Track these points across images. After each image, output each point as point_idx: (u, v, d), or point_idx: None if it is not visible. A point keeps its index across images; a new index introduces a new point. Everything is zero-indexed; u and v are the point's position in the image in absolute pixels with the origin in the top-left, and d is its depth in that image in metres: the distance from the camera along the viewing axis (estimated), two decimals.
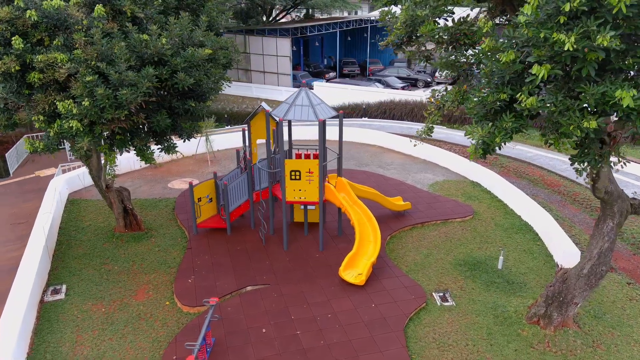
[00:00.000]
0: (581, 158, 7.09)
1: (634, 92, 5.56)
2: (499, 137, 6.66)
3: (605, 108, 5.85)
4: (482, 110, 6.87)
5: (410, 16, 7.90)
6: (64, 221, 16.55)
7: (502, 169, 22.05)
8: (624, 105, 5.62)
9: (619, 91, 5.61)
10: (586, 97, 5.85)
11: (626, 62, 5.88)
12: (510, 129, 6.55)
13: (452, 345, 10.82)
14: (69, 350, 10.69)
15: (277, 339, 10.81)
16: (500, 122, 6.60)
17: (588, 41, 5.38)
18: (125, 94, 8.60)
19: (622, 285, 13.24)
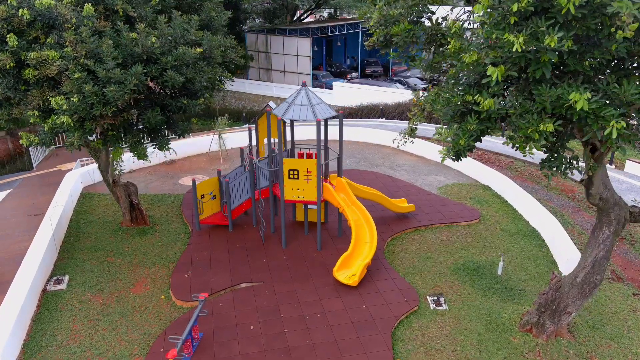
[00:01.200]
0: (550, 163, 6.89)
1: (588, 95, 5.37)
2: (464, 139, 6.53)
3: (562, 111, 5.67)
4: (449, 112, 6.76)
5: (383, 16, 7.83)
6: (75, 214, 17.06)
7: (517, 173, 21.59)
8: (578, 108, 5.42)
9: (573, 94, 5.43)
10: (543, 100, 5.68)
11: (583, 65, 5.68)
12: (475, 131, 6.42)
13: (439, 350, 10.68)
14: (63, 338, 11.03)
15: (264, 336, 10.89)
16: (465, 124, 6.49)
17: (537, 42, 5.22)
18: (112, 90, 8.85)
19: (628, 296, 12.79)
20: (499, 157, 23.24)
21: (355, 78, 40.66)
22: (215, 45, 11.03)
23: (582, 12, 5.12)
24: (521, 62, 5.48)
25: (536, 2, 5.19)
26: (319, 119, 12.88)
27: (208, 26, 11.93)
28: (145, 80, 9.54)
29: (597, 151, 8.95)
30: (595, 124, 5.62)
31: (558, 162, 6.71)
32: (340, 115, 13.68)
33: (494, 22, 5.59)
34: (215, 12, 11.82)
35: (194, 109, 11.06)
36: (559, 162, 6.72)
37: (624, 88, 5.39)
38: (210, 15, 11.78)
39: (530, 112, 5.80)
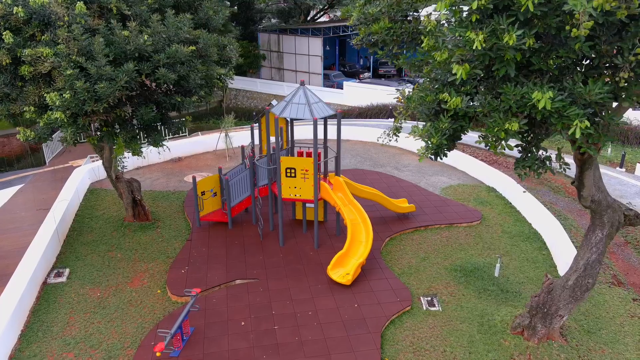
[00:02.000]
0: (523, 162, 6.82)
1: (550, 94, 5.29)
2: (436, 138, 6.50)
3: (526, 110, 5.60)
4: (424, 110, 6.73)
5: (363, 14, 7.83)
6: (81, 209, 17.40)
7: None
8: (540, 107, 5.35)
9: (536, 93, 5.36)
10: (508, 99, 5.62)
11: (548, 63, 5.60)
12: (447, 130, 6.38)
13: (428, 350, 10.64)
14: (59, 330, 11.28)
15: (254, 332, 10.98)
16: (437, 123, 6.45)
17: (497, 40, 5.17)
18: (103, 87, 9.04)
19: (627, 301, 12.55)
20: (507, 158, 22.96)
21: (367, 78, 40.57)
22: (210, 44, 11.16)
23: (541, 9, 5.05)
24: (485, 60, 5.44)
25: (496, 0, 5.15)
26: (316, 117, 12.93)
27: (206, 25, 12.07)
28: (137, 78, 9.72)
29: (585, 152, 8.83)
30: (560, 123, 5.55)
31: (530, 161, 6.63)
32: (338, 114, 13.70)
33: (458, 20, 5.57)
34: (214, 11, 11.96)
35: (188, 107, 11.22)
36: (532, 162, 6.65)
37: (589, 87, 5.30)
38: (208, 14, 11.92)
39: (497, 110, 5.75)
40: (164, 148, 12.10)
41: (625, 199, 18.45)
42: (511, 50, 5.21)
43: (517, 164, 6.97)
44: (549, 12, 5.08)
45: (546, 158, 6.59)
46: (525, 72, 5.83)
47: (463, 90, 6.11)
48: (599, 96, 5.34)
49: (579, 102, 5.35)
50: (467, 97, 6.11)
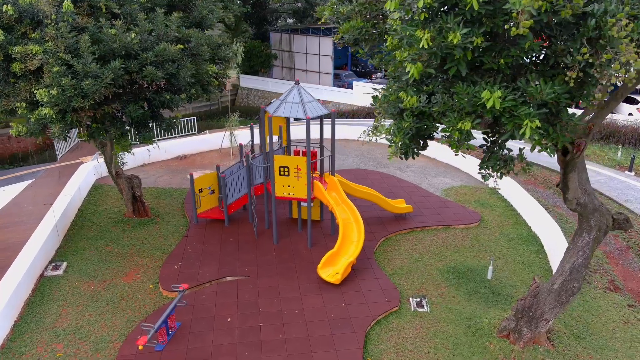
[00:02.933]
0: (486, 163, 6.75)
1: (499, 93, 5.22)
2: (399, 137, 6.47)
3: (477, 110, 5.54)
4: (389, 109, 6.70)
5: (334, 13, 7.83)
6: (84, 204, 17.75)
7: (529, 177, 21.03)
8: (488, 106, 5.29)
9: (485, 92, 5.29)
10: (460, 98, 5.56)
11: (499, 63, 5.52)
12: (410, 129, 6.34)
13: (412, 351, 10.59)
14: (51, 321, 11.54)
15: (239, 329, 11.08)
16: (400, 122, 6.42)
17: (442, 39, 5.13)
18: (89, 84, 9.23)
19: (622, 307, 12.32)
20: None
21: (379, 78, 40.44)
22: (202, 43, 11.30)
23: (487, 8, 5.00)
24: (436, 59, 5.40)
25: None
26: (309, 116, 12.97)
27: (200, 24, 12.21)
28: (124, 75, 9.91)
29: (568, 154, 8.71)
30: (511, 123, 5.48)
31: (493, 161, 6.56)
32: (332, 114, 13.73)
33: (409, 19, 5.54)
34: (207, 11, 12.09)
35: (177, 104, 11.37)
36: (494, 162, 6.57)
37: (540, 87, 5.22)
38: (202, 13, 12.06)
39: (452, 110, 5.71)
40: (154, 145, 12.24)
41: (632, 204, 18.08)
42: (458, 49, 5.17)
43: (480, 165, 6.91)
44: (495, 11, 5.03)
45: (509, 158, 6.52)
46: (481, 71, 5.78)
47: (426, 90, 6.09)
48: (550, 96, 5.26)
49: (531, 101, 5.27)
50: (426, 96, 6.07)
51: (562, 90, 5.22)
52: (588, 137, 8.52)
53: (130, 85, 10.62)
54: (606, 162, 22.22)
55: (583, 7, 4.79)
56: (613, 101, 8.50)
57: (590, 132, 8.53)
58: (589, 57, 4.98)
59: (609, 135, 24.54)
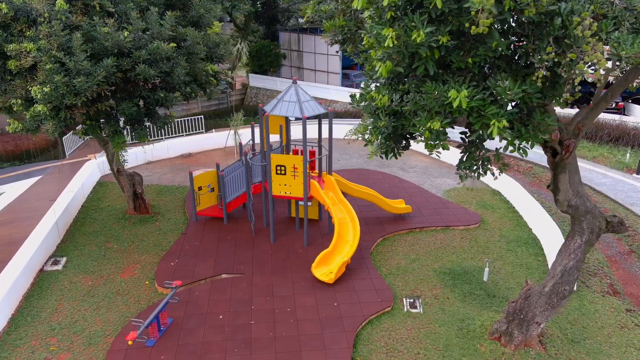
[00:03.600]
0: (463, 164, 6.68)
1: (466, 93, 5.15)
2: (374, 136, 6.44)
3: (445, 109, 5.48)
4: (367, 109, 6.67)
5: (316, 11, 7.82)
6: (88, 200, 18.00)
7: (534, 179, 20.78)
8: (455, 105, 5.22)
9: (452, 91, 5.23)
10: (429, 97, 5.51)
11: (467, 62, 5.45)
12: (385, 128, 6.30)
13: (402, 352, 10.55)
14: (47, 315, 11.72)
15: (230, 326, 11.13)
16: (376, 121, 6.38)
17: (406, 37, 5.08)
18: (81, 81, 9.36)
19: (619, 311, 12.12)
20: (519, 162, 22.44)
21: None
22: (198, 41, 11.38)
23: (450, 7, 4.94)
24: (405, 57, 5.36)
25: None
26: (305, 116, 12.98)
27: (197, 22, 12.30)
28: (116, 73, 10.02)
29: (557, 155, 8.61)
30: (478, 122, 5.41)
31: (469, 162, 6.49)
32: (330, 113, 13.72)
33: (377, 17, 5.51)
34: (205, 9, 12.17)
35: (171, 102, 11.47)
36: (470, 163, 6.50)
37: (508, 86, 5.14)
38: (200, 12, 12.14)
39: (422, 109, 5.66)
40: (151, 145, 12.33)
41: (638, 207, 17.76)
42: (423, 47, 5.12)
43: (458, 165, 6.85)
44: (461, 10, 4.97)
45: (485, 159, 6.45)
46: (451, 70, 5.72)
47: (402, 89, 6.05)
48: (519, 95, 5.19)
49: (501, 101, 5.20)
50: (399, 95, 6.03)
51: (533, 89, 5.15)
52: (577, 137, 8.41)
53: (124, 83, 10.74)
54: (614, 164, 21.86)
55: (548, 6, 4.72)
56: (603, 102, 8.38)
57: (579, 132, 8.42)
58: (555, 57, 4.91)
59: (618, 137, 24.13)
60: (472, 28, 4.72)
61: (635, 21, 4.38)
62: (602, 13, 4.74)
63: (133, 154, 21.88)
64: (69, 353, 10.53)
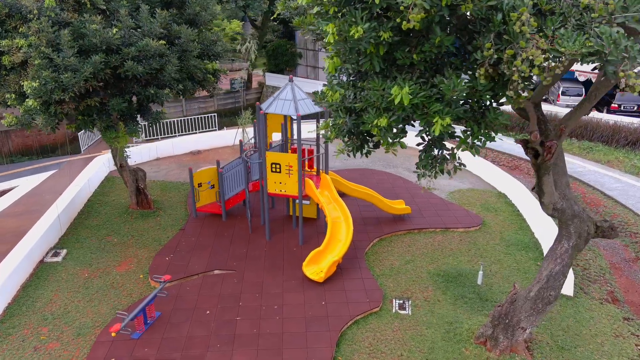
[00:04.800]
0: (421, 162, 6.56)
1: (407, 89, 5.02)
2: (333, 134, 6.37)
3: (391, 106, 5.37)
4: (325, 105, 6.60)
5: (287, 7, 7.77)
6: (94, 195, 18.39)
7: None
8: (396, 101, 5.11)
9: (394, 87, 5.13)
10: (375, 94, 5.41)
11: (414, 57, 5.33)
12: (344, 126, 6.22)
13: (385, 352, 10.46)
14: (42, 305, 12.01)
15: (215, 322, 11.22)
16: (336, 118, 6.32)
17: (345, 33, 5.01)
18: (67, 77, 9.57)
19: (616, 319, 11.76)
20: (528, 163, 21.97)
21: None
22: (191, 39, 11.50)
23: (389, 2, 4.83)
24: (347, 53, 5.29)
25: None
26: (299, 114, 12.98)
27: (193, 20, 12.43)
28: (104, 69, 10.22)
29: (539, 156, 8.41)
30: (423, 120, 5.29)
31: (425, 161, 6.36)
32: (325, 112, 13.68)
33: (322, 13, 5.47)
34: (201, 7, 12.29)
35: (162, 99, 11.62)
36: (426, 161, 6.37)
37: (453, 83, 5.01)
38: (195, 10, 12.27)
39: (372, 106, 5.57)
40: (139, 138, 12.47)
41: None
42: (364, 43, 5.04)
43: (417, 164, 6.74)
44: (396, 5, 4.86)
45: (442, 158, 6.32)
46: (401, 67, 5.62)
47: (361, 85, 5.98)
48: (464, 93, 5.06)
49: (445, 98, 5.08)
50: (352, 92, 5.96)
51: (483, 87, 5.02)
52: (560, 139, 8.20)
53: (115, 79, 10.94)
54: (629, 168, 21.22)
55: (487, 2, 4.59)
56: (587, 103, 8.15)
57: (562, 134, 8.21)
58: (494, 53, 4.77)
59: (635, 141, 23.40)
60: (403, 24, 4.64)
61: (580, 17, 4.23)
62: (548, 9, 4.60)
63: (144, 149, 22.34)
64: (57, 343, 10.77)
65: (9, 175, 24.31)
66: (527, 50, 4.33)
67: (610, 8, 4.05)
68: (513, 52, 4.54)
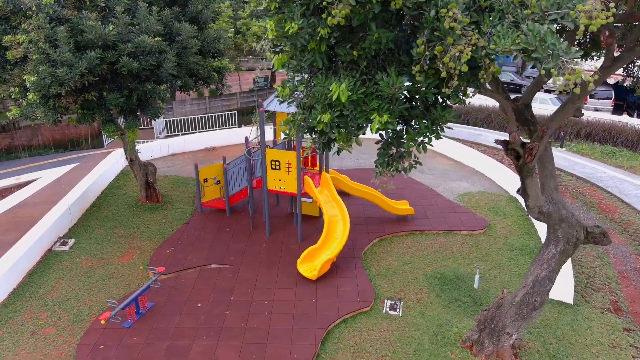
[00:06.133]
0: (377, 160, 6.48)
1: (344, 86, 4.95)
2: (292, 130, 6.38)
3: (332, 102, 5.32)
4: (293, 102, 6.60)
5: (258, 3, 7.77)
6: (108, 187, 18.95)
7: (559, 186, 19.74)
8: (334, 98, 5.06)
9: (333, 84, 5.07)
10: (319, 90, 5.36)
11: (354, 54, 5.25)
12: (303, 121, 6.20)
13: (369, 352, 10.41)
14: (44, 292, 12.47)
15: (205, 314, 11.40)
16: (294, 114, 6.32)
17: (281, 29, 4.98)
18: (63, 72, 9.92)
19: (615, 329, 11.35)
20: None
21: None
22: (191, 36, 11.72)
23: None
24: (293, 49, 5.28)
25: None
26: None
27: (196, 18, 12.66)
28: (100, 65, 10.55)
29: (520, 158, 8.23)
30: (362, 116, 5.22)
31: (381, 159, 6.28)
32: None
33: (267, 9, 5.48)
34: (203, 5, 12.51)
35: (159, 95, 11.88)
36: (382, 160, 6.29)
37: (391, 80, 4.92)
38: (197, 8, 12.50)
39: (318, 102, 5.55)
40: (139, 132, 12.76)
41: None
42: (300, 39, 5.02)
43: (375, 162, 6.68)
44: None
45: (399, 156, 6.24)
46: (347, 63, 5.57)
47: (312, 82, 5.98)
48: (404, 90, 4.98)
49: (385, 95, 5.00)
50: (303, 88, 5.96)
51: (426, 84, 4.94)
52: (541, 140, 8.00)
53: (112, 74, 11.27)
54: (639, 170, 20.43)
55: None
56: (570, 104, 7.94)
57: (543, 135, 8.01)
58: (425, 50, 4.68)
59: None
60: (328, 19, 4.62)
61: (517, 14, 4.12)
62: (487, 5, 4.49)
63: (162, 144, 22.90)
64: (54, 328, 11.17)
65: (35, 167, 25.35)
66: (455, 46, 4.25)
67: (544, 5, 3.94)
68: (442, 48, 4.47)
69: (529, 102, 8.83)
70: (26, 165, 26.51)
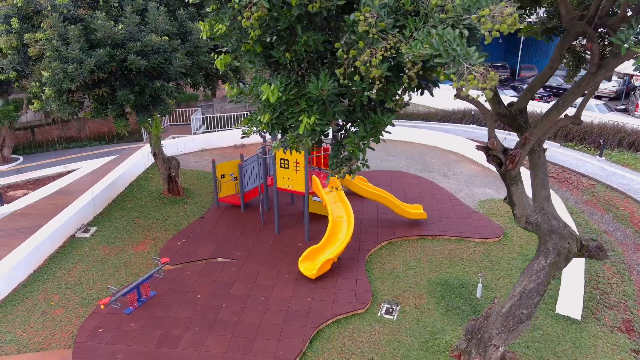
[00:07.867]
0: (329, 162, 6.42)
1: (274, 87, 4.94)
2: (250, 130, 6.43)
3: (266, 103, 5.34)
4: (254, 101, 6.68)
5: None
6: (137, 179, 19.79)
7: (592, 197, 18.88)
8: (262, 98, 5.05)
9: (264, 85, 5.07)
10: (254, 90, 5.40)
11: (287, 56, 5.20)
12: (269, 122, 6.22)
13: (355, 354, 10.40)
14: (61, 275, 13.24)
15: (202, 306, 11.74)
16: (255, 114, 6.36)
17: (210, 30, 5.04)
18: (72, 68, 10.50)
19: (622, 350, 10.77)
20: (581, 178, 20.49)
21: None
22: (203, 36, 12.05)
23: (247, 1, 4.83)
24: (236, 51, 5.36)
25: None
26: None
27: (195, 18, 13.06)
28: (109, 62, 11.08)
29: (502, 165, 8.00)
30: (293, 117, 5.20)
31: (332, 160, 6.23)
32: None
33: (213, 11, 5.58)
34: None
35: (167, 92, 12.32)
36: (332, 161, 6.24)
37: (320, 83, 4.86)
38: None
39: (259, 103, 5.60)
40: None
41: None
42: (231, 40, 5.10)
43: (329, 164, 6.64)
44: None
45: (347, 158, 6.17)
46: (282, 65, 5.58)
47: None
48: (329, 92, 4.93)
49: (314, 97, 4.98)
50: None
51: (360, 87, 4.88)
52: (524, 148, 7.75)
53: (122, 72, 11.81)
54: None
55: (337, 1, 4.47)
56: (554, 111, 7.65)
57: (526, 142, 7.76)
58: (344, 54, 4.63)
59: None
60: (243, 22, 4.67)
61: (436, 18, 4.02)
62: (411, 9, 4.41)
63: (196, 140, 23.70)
64: (62, 310, 11.85)
65: (78, 158, 26.85)
66: (365, 50, 4.21)
67: (458, 9, 3.84)
68: (356, 52, 4.44)
69: (524, 107, 8.56)
70: (73, 155, 28.09)
